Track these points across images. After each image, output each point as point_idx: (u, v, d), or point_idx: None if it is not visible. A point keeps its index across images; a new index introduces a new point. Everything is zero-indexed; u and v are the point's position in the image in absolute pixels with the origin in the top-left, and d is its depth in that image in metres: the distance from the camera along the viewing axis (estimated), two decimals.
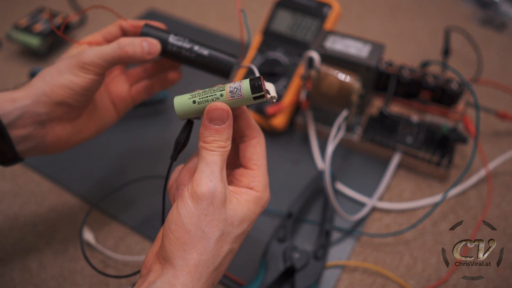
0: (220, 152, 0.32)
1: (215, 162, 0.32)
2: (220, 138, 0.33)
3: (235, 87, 0.32)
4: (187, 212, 0.31)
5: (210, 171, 0.32)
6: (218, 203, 0.31)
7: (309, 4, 0.60)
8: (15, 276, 0.47)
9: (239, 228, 0.32)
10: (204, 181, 0.31)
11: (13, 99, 0.37)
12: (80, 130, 0.42)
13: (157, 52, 0.40)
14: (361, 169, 0.56)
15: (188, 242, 0.30)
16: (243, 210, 0.33)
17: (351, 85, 0.51)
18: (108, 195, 0.53)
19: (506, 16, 0.78)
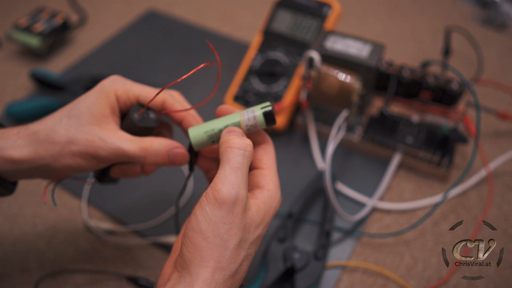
0: (247, 154, 0.32)
1: (240, 165, 0.31)
2: (247, 141, 0.32)
3: (251, 125, 0.34)
4: (205, 219, 0.30)
5: (234, 176, 0.31)
6: (238, 212, 0.30)
7: (309, 4, 0.60)
8: (15, 276, 0.47)
9: (254, 234, 0.32)
10: (226, 188, 0.30)
11: (13, 161, 0.35)
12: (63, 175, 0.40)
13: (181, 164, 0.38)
14: (362, 169, 0.56)
15: (206, 248, 0.30)
16: (260, 215, 0.33)
17: (352, 85, 0.51)
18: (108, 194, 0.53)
19: (506, 16, 0.78)
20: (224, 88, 0.65)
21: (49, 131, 0.35)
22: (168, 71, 0.70)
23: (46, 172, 0.37)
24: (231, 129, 0.34)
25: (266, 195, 0.34)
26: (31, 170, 0.36)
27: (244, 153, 0.32)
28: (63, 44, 0.75)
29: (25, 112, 0.61)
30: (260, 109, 0.34)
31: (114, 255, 0.49)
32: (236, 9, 0.82)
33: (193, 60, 0.72)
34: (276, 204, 0.34)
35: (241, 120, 0.34)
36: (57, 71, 0.70)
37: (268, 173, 0.35)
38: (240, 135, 0.33)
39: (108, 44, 0.75)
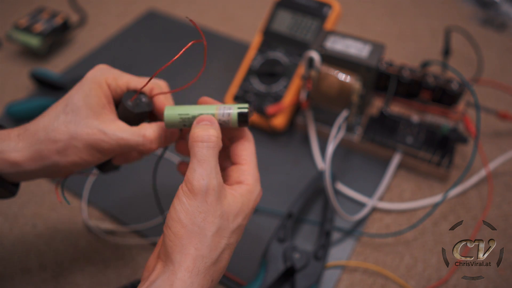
0: (212, 145, 0.33)
1: (207, 158, 0.32)
2: (211, 132, 0.33)
3: (224, 120, 0.35)
4: (182, 209, 0.31)
5: (201, 168, 0.32)
6: (212, 200, 0.31)
7: (309, 4, 0.60)
8: (15, 276, 0.47)
9: (234, 223, 0.33)
10: (196, 179, 0.31)
11: (15, 163, 0.35)
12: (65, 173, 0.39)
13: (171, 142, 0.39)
14: (361, 169, 0.56)
15: (185, 236, 0.31)
16: (237, 204, 0.33)
17: (351, 85, 0.51)
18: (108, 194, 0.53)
19: (506, 16, 0.78)
20: (224, 88, 0.65)
21: (48, 130, 0.35)
22: (168, 71, 0.70)
23: (51, 171, 0.37)
24: (201, 117, 0.35)
25: (244, 189, 0.35)
26: (35, 171, 0.36)
27: (208, 144, 0.33)
28: (63, 44, 0.75)
29: (25, 112, 0.61)
30: (236, 108, 0.35)
31: (114, 255, 0.49)
32: (236, 9, 0.82)
33: (193, 60, 0.72)
34: (255, 197, 0.35)
35: (216, 113, 0.35)
36: (57, 71, 0.70)
37: (247, 168, 0.36)
38: (205, 127, 0.34)
39: (108, 44, 0.75)
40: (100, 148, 0.36)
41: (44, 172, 0.37)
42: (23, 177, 0.37)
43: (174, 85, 0.60)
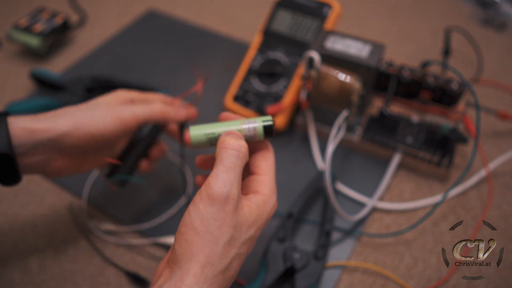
0: (241, 155, 0.33)
1: (233, 165, 0.32)
2: (242, 143, 0.34)
3: (250, 135, 0.35)
4: (197, 215, 0.31)
5: (226, 175, 0.32)
6: (229, 209, 0.31)
7: (309, 4, 0.60)
8: (15, 276, 0.47)
9: (247, 234, 0.33)
10: (218, 186, 0.31)
11: (32, 131, 0.38)
12: (80, 165, 0.43)
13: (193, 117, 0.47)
14: (361, 169, 0.56)
15: (197, 244, 0.31)
16: (252, 216, 0.33)
17: (351, 85, 0.51)
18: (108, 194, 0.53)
19: (506, 16, 0.78)
20: (224, 88, 0.65)
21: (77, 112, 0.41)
22: (168, 71, 0.70)
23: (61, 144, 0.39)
24: (230, 132, 0.35)
25: (260, 199, 0.34)
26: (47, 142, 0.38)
27: (238, 154, 0.33)
28: (63, 44, 0.75)
29: (25, 112, 0.60)
30: (261, 121, 0.35)
31: (114, 255, 0.49)
32: (236, 9, 0.82)
33: (193, 60, 0.72)
34: (270, 208, 0.35)
35: (241, 129, 0.35)
36: (57, 71, 0.70)
37: (264, 178, 0.36)
38: (237, 137, 0.34)
39: (108, 44, 0.75)
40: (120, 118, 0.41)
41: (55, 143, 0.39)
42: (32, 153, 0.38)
43: (174, 84, 0.60)
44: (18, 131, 0.37)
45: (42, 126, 0.38)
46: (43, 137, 0.38)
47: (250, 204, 0.34)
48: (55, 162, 0.41)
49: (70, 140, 0.39)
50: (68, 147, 0.40)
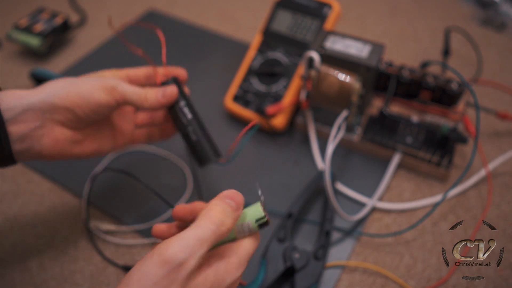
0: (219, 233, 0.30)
1: (206, 239, 0.29)
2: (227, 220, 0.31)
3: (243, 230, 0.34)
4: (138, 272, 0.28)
5: (193, 244, 0.29)
6: (177, 278, 0.28)
7: (309, 4, 0.60)
8: (15, 276, 0.47)
9: None
10: (177, 249, 0.28)
11: (20, 95, 0.37)
12: (77, 142, 0.41)
13: (173, 96, 0.44)
14: (361, 169, 0.56)
15: None
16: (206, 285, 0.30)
17: (351, 85, 0.51)
18: (109, 194, 0.53)
19: (506, 16, 0.78)
20: (224, 88, 0.65)
21: None
22: None
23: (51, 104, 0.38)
24: (226, 194, 0.33)
25: (222, 267, 0.31)
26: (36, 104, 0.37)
27: (216, 229, 0.30)
28: (63, 44, 0.76)
29: None
30: (255, 222, 0.34)
31: (114, 255, 0.49)
32: (236, 9, 0.82)
33: (193, 60, 0.72)
34: (230, 280, 0.31)
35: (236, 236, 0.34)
36: (57, 71, 0.70)
37: (238, 249, 0.33)
38: (226, 211, 0.31)
39: (108, 44, 0.75)
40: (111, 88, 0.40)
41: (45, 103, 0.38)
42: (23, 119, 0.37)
43: None
44: (7, 95, 0.36)
45: (32, 91, 0.38)
46: (33, 99, 0.37)
47: (208, 271, 0.30)
48: (51, 132, 0.38)
49: (61, 101, 0.38)
50: (61, 110, 0.38)
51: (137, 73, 0.46)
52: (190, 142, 0.45)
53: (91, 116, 0.40)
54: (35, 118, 0.37)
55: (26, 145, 0.37)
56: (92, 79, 0.41)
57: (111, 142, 0.45)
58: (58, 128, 0.39)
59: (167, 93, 0.43)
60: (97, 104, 0.39)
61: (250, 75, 0.61)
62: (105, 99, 0.40)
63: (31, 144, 0.38)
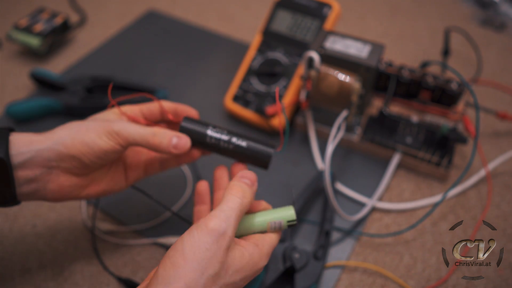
0: (244, 204, 0.35)
1: (235, 208, 0.34)
2: (249, 193, 0.36)
3: (275, 227, 0.38)
4: (190, 242, 0.31)
5: (228, 214, 0.33)
6: (223, 245, 0.32)
7: (309, 4, 0.60)
8: (15, 276, 0.47)
9: (232, 277, 0.32)
10: (219, 219, 0.32)
11: (31, 141, 0.38)
12: (84, 187, 0.41)
13: (185, 149, 0.41)
14: (361, 169, 0.56)
15: (181, 269, 0.30)
16: (242, 262, 0.33)
17: (351, 85, 0.51)
18: None
19: (506, 16, 0.78)
20: (224, 88, 0.65)
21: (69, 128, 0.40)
22: (168, 71, 0.70)
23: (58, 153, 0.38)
24: (243, 174, 0.38)
25: (257, 252, 0.35)
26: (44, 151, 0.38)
27: (241, 201, 0.35)
28: (63, 44, 0.76)
29: (25, 112, 0.61)
30: (286, 222, 0.38)
31: (114, 255, 0.49)
32: (236, 9, 0.82)
33: (193, 60, 0.72)
34: (261, 264, 0.35)
35: (267, 225, 0.38)
36: (57, 71, 0.70)
37: (269, 240, 0.37)
38: (245, 186, 0.36)
39: (108, 44, 0.75)
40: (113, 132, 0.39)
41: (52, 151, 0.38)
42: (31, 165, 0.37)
43: (174, 84, 0.60)
44: (18, 140, 0.37)
45: (41, 137, 0.38)
46: (41, 147, 0.37)
47: (243, 251, 0.34)
48: (57, 178, 0.39)
49: (67, 150, 0.38)
50: (66, 158, 0.38)
51: (150, 108, 0.44)
52: (244, 152, 0.42)
53: (98, 162, 0.40)
54: (42, 165, 0.38)
55: (31, 189, 0.39)
56: (96, 124, 0.39)
57: (121, 181, 0.44)
58: (64, 175, 0.40)
59: (179, 146, 0.41)
60: (102, 151, 0.39)
61: (250, 75, 0.61)
62: (110, 146, 0.39)
63: (37, 189, 0.39)
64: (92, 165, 0.40)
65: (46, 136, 0.38)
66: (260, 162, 0.43)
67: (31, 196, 0.39)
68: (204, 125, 0.42)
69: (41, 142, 0.38)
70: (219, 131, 0.42)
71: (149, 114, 0.43)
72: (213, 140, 0.42)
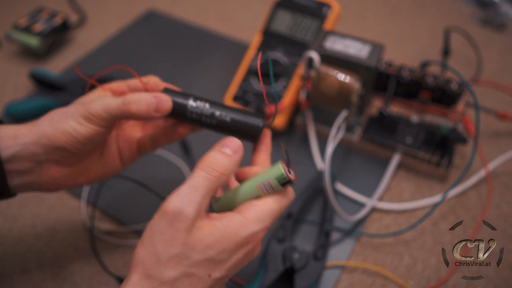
0: (212, 177, 0.32)
1: (199, 186, 0.31)
2: (221, 163, 0.32)
3: (266, 188, 0.33)
4: (149, 227, 0.31)
5: (187, 193, 0.31)
6: (180, 226, 0.30)
7: (309, 4, 0.60)
8: (15, 276, 0.47)
9: (202, 255, 0.31)
10: (174, 201, 0.31)
11: (16, 135, 0.37)
12: (78, 174, 0.40)
13: (166, 110, 0.37)
14: (361, 169, 0.56)
15: (139, 254, 0.31)
16: (213, 236, 0.31)
17: (351, 85, 0.51)
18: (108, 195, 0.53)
19: (506, 16, 0.78)
20: (223, 88, 0.65)
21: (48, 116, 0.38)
22: (168, 71, 0.70)
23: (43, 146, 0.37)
24: (225, 143, 0.34)
25: (236, 219, 0.32)
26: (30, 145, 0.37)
27: (207, 176, 0.32)
28: (62, 44, 0.75)
29: (24, 112, 0.61)
30: (274, 179, 0.33)
31: (114, 255, 0.49)
32: (236, 9, 0.82)
33: (193, 60, 0.72)
34: (246, 233, 0.32)
35: (258, 189, 0.34)
36: (56, 71, 0.70)
37: (257, 203, 0.33)
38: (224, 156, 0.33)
39: (107, 44, 0.75)
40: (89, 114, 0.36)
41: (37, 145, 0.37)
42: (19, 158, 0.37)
43: (174, 84, 0.60)
44: (4, 135, 0.37)
45: (25, 130, 0.37)
46: (27, 140, 0.37)
47: (216, 224, 0.32)
48: (48, 171, 0.38)
49: (51, 142, 0.37)
50: (52, 150, 0.37)
51: (136, 83, 0.41)
52: (228, 126, 0.38)
53: (84, 148, 0.38)
54: (30, 159, 0.37)
55: (25, 180, 0.38)
56: (75, 109, 0.37)
57: (116, 163, 0.43)
58: (55, 167, 0.39)
59: (160, 107, 0.37)
60: (85, 138, 0.37)
61: (250, 75, 0.61)
62: (92, 129, 0.37)
63: (30, 180, 0.38)
64: (79, 153, 0.38)
65: (30, 128, 0.37)
66: (248, 137, 0.38)
67: (26, 187, 0.38)
68: (185, 97, 0.38)
69: (26, 135, 0.37)
70: (201, 104, 0.38)
71: (135, 88, 0.41)
72: (194, 115, 0.38)
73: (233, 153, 0.33)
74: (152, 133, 0.43)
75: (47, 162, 0.38)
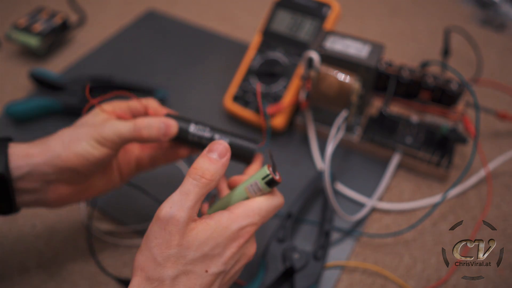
0: (201, 184, 0.33)
1: (189, 192, 0.33)
2: (208, 170, 0.34)
3: (254, 190, 0.36)
4: (146, 233, 0.33)
5: (178, 199, 0.33)
6: (172, 230, 0.32)
7: (309, 4, 0.60)
8: (14, 276, 0.47)
9: (197, 251, 0.32)
10: (166, 207, 0.33)
11: (27, 154, 0.38)
12: (83, 192, 0.42)
13: (173, 134, 0.41)
14: (361, 169, 0.56)
15: (138, 259, 0.33)
16: (206, 233, 0.33)
17: (351, 85, 0.51)
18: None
19: (505, 16, 0.78)
20: (223, 88, 0.65)
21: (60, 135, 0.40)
22: (167, 71, 0.70)
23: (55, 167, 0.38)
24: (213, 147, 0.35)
25: (225, 216, 0.34)
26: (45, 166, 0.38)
27: (196, 183, 0.33)
28: (62, 44, 0.75)
29: (24, 112, 0.61)
30: (261, 179, 0.35)
31: (113, 255, 0.49)
32: (236, 9, 0.82)
33: (193, 60, 0.72)
34: (236, 227, 0.34)
35: (249, 196, 0.37)
36: (56, 71, 0.70)
37: (246, 202, 0.36)
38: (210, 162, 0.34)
39: (107, 44, 0.75)
40: (102, 138, 0.39)
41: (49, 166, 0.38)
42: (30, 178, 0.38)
43: (174, 84, 0.60)
44: (16, 154, 0.38)
45: (37, 150, 0.38)
46: (39, 160, 0.38)
47: (208, 221, 0.34)
48: (56, 189, 0.40)
49: (64, 163, 0.38)
50: (63, 171, 0.39)
51: (136, 105, 0.44)
52: None
53: (95, 170, 0.40)
54: (40, 179, 0.39)
55: (31, 198, 0.39)
56: (87, 131, 0.39)
57: (116, 179, 0.45)
58: (63, 186, 0.40)
59: (169, 132, 0.41)
60: (98, 160, 0.39)
61: (250, 75, 0.61)
62: (104, 152, 0.39)
63: (37, 198, 0.40)
64: (89, 173, 0.41)
65: (42, 148, 0.38)
66: (243, 159, 0.43)
67: (31, 204, 0.40)
68: (186, 122, 0.42)
69: (37, 155, 0.38)
70: (202, 128, 0.42)
71: (136, 110, 0.44)
72: (195, 138, 0.42)
73: (220, 157, 0.35)
74: (152, 154, 0.45)
75: (56, 181, 0.39)
